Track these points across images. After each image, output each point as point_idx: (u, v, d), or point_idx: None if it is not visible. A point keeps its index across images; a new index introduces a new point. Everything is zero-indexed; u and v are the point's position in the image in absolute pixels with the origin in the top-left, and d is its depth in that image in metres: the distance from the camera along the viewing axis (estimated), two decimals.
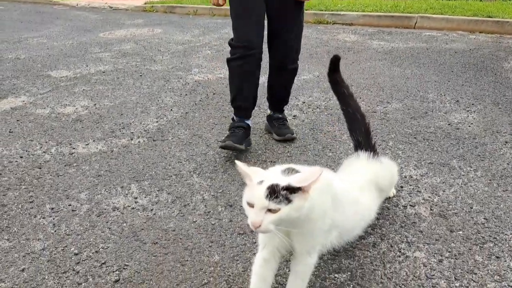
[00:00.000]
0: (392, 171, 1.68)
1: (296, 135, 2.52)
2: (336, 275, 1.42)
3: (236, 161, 1.09)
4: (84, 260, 1.55)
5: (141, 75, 3.95)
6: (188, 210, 1.85)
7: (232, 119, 2.48)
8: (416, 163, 2.19)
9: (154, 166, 2.24)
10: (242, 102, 2.37)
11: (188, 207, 1.87)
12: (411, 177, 2.05)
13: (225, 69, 2.76)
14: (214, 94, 3.39)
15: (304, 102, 3.14)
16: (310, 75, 3.81)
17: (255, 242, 1.62)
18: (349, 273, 1.43)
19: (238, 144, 2.25)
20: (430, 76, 3.68)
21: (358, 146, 1.61)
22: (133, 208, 1.87)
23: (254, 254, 1.53)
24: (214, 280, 1.43)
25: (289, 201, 0.99)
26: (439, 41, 5.01)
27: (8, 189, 2.02)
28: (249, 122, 2.43)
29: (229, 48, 2.28)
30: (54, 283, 1.44)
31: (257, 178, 1.02)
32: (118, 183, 2.07)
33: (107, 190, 2.01)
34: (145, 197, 1.95)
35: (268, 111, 2.67)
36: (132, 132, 2.68)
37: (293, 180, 1.01)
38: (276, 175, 1.06)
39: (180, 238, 1.66)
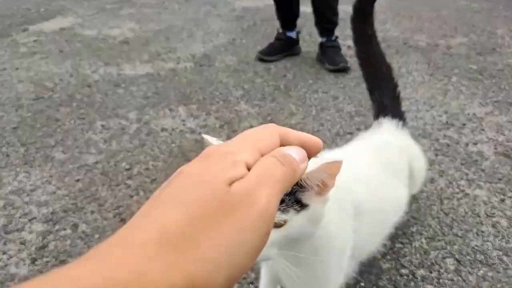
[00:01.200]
0: (423, 158, 1.19)
1: (350, 66, 2.38)
2: None
3: (203, 135, 0.63)
4: (135, 175, 1.57)
5: (186, 0, 3.82)
6: (236, 135, 1.81)
7: (277, 30, 2.63)
8: (481, 100, 2.03)
9: (201, 91, 2.19)
10: (281, 13, 2.52)
11: (236, 133, 1.83)
12: (475, 114, 1.91)
13: None
14: (262, 21, 3.23)
15: None
16: None
17: None
18: None
19: (266, 55, 2.48)
20: (500, 11, 3.33)
21: (381, 112, 1.15)
22: (181, 130, 1.86)
23: None
24: None
25: (301, 205, 0.55)
26: None
27: (61, 105, 2.06)
28: (291, 33, 2.57)
29: None
30: (108, 194, 1.48)
31: None
32: (166, 105, 2.06)
33: (155, 111, 2.01)
34: (193, 120, 1.93)
35: (319, 39, 2.52)
36: (178, 57, 2.62)
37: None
38: None
39: None
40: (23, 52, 2.65)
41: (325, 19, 2.44)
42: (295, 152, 0.34)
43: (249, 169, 0.31)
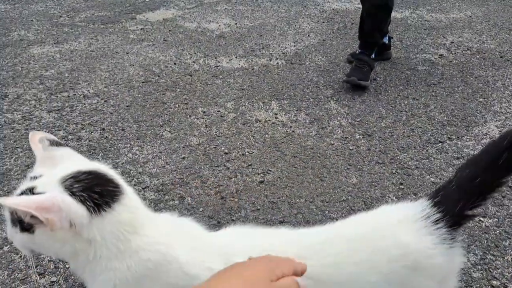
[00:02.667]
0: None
1: (367, 85, 2.25)
2: (481, 218, 1.39)
3: (31, 133, 0.70)
4: (233, 159, 1.72)
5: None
6: (326, 132, 1.90)
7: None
8: None
9: (293, 88, 2.30)
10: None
11: (325, 130, 1.92)
12: None
13: None
14: (352, 24, 3.27)
15: (453, 42, 2.88)
16: (461, 14, 3.44)
17: (394, 173, 1.63)
18: (495, 219, 1.39)
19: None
20: None
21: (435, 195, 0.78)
22: (273, 123, 1.98)
23: (393, 183, 1.56)
24: (352, 199, 1.50)
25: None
26: None
27: (166, 90, 2.27)
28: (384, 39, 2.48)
29: None
30: (209, 173, 1.64)
31: (38, 170, 0.65)
32: (259, 99, 2.19)
33: (250, 103, 2.15)
34: (284, 114, 2.05)
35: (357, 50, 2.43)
36: (271, 53, 2.76)
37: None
38: (64, 170, 0.63)
39: (318, 157, 1.74)
40: (132, 38, 2.93)
41: (366, 32, 2.33)
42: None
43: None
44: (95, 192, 0.60)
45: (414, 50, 2.78)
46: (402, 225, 0.75)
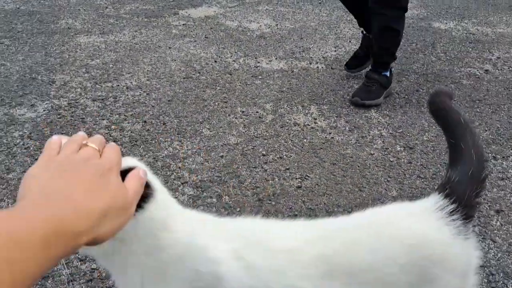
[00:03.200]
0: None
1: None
2: None
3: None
4: (270, 162, 1.72)
5: (320, 3, 3.92)
6: (365, 141, 1.88)
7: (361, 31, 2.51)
8: None
9: (333, 93, 2.28)
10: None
11: (365, 139, 1.90)
12: None
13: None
14: None
15: (499, 58, 2.79)
16: (508, 28, 3.33)
17: (431, 188, 1.59)
18: None
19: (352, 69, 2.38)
20: None
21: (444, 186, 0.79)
22: (312, 128, 1.97)
23: None
24: None
25: None
26: None
27: (207, 87, 2.29)
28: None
29: None
30: (247, 174, 1.64)
31: None
32: (298, 102, 2.19)
33: (289, 106, 2.15)
34: (323, 120, 2.04)
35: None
36: (311, 57, 2.74)
37: None
38: None
39: (358, 166, 1.72)
40: (174, 34, 2.97)
41: (378, 48, 2.22)
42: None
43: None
44: None
45: (458, 63, 2.71)
46: (418, 216, 0.76)
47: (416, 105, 2.20)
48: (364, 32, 2.46)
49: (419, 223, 0.74)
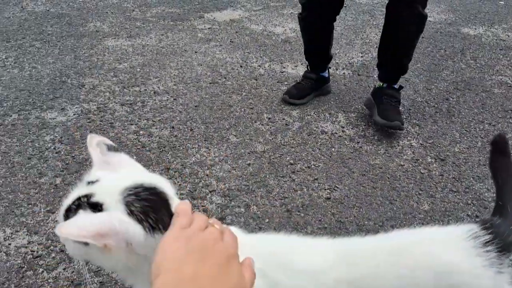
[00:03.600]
0: None
1: (405, 126, 1.96)
2: None
3: (89, 135, 0.68)
4: (298, 171, 1.70)
5: (345, 6, 3.87)
6: (395, 152, 1.84)
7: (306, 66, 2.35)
8: None
9: (360, 101, 2.25)
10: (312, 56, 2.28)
11: (394, 149, 1.86)
12: None
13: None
14: (422, 37, 3.15)
15: None
16: None
17: (469, 203, 1.55)
18: None
19: (294, 98, 2.16)
20: None
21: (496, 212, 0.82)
22: (340, 136, 1.95)
23: (468, 215, 1.48)
24: (424, 227, 1.44)
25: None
26: None
27: (233, 92, 2.29)
28: (324, 73, 2.27)
29: None
30: (274, 183, 1.63)
31: (96, 174, 0.63)
32: (326, 109, 2.16)
33: (315, 113, 2.13)
34: (352, 128, 2.01)
35: (378, 83, 2.11)
36: (337, 63, 2.71)
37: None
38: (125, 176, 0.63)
39: (388, 177, 1.69)
40: (200, 37, 2.98)
41: (397, 66, 2.04)
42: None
43: None
44: (153, 217, 0.58)
45: (489, 71, 2.64)
46: (448, 243, 0.73)
47: (447, 114, 2.15)
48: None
49: (449, 250, 0.72)
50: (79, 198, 0.58)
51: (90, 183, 0.61)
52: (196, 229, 0.52)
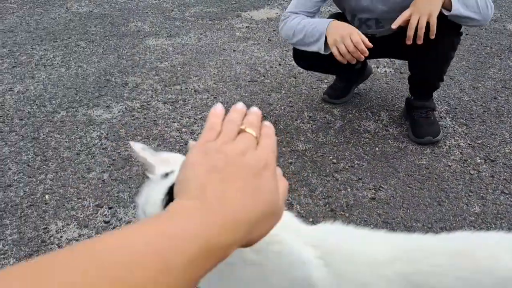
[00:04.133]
0: None
1: (441, 137, 1.83)
2: None
3: (131, 143, 0.75)
4: (341, 171, 1.68)
5: None
6: (442, 152, 1.78)
7: None
8: None
9: (403, 100, 2.19)
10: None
11: (441, 149, 1.80)
12: None
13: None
14: (466, 34, 3.04)
15: None
16: None
17: None
18: None
19: (333, 98, 2.12)
20: None
21: None
22: (383, 135, 1.90)
23: None
24: (475, 230, 1.38)
25: None
26: None
27: (272, 90, 2.28)
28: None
29: None
30: (317, 182, 1.61)
31: (162, 169, 0.68)
32: (367, 108, 2.12)
33: (357, 111, 2.09)
34: (395, 127, 1.96)
35: (408, 93, 2.00)
36: (378, 60, 2.65)
37: None
38: None
39: (435, 178, 1.63)
40: (238, 36, 2.99)
41: (428, 86, 1.91)
42: None
43: None
44: None
45: None
46: None
47: (495, 114, 2.06)
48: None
49: None
50: (171, 187, 0.61)
51: (167, 174, 0.65)
52: (222, 141, 0.43)
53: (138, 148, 0.72)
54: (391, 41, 1.82)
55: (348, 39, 1.48)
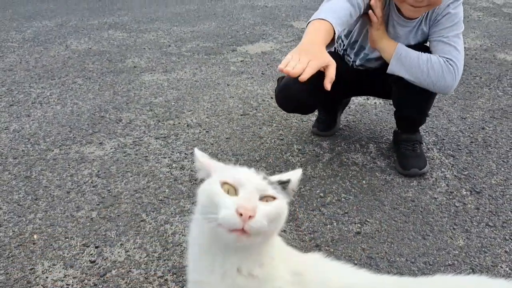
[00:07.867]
0: None
1: (428, 169, 1.86)
2: None
3: (196, 150, 0.85)
4: (328, 204, 1.69)
5: None
6: (428, 184, 1.80)
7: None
8: None
9: (391, 131, 2.22)
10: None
11: (427, 181, 1.82)
12: None
13: None
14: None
15: None
16: None
17: (507, 239, 1.48)
18: None
19: (320, 131, 2.20)
20: None
21: None
22: (371, 168, 1.92)
23: (506, 251, 1.42)
24: (459, 264, 1.38)
25: (284, 193, 0.78)
26: None
27: (263, 124, 2.33)
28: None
29: None
30: (304, 217, 1.63)
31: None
32: (356, 140, 2.15)
33: (346, 144, 2.12)
34: (383, 159, 1.98)
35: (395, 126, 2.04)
36: None
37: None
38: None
39: (420, 211, 1.64)
40: (233, 70, 3.07)
41: (411, 120, 1.92)
42: None
43: None
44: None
45: None
46: None
47: (483, 144, 2.09)
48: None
49: None
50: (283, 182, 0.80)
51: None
52: None
53: (204, 156, 0.83)
54: (375, 78, 1.87)
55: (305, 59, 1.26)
